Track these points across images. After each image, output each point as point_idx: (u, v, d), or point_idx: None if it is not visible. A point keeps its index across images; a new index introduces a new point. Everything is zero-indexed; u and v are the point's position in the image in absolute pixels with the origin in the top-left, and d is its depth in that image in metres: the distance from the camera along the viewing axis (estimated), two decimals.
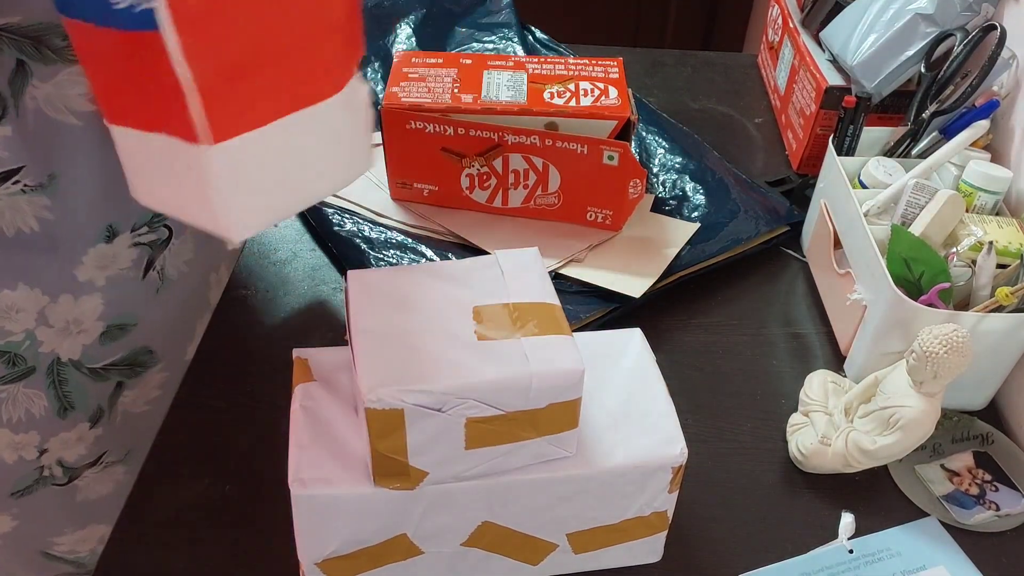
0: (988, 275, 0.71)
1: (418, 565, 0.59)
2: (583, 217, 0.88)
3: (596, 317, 0.81)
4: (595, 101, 0.84)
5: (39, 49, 0.62)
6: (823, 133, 0.98)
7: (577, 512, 0.59)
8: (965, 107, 0.83)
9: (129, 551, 0.65)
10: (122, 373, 0.80)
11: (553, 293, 0.57)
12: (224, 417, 0.74)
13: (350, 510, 0.54)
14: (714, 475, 0.71)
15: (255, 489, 0.69)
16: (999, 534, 0.67)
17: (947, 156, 0.80)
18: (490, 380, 0.51)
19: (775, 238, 0.91)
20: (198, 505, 0.67)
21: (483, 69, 0.88)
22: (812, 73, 0.98)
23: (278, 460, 0.71)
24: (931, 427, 0.66)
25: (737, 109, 1.14)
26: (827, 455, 0.69)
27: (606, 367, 0.62)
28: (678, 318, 0.84)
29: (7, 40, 0.60)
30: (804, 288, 0.88)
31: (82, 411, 0.79)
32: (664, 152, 0.99)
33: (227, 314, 0.83)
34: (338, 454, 0.55)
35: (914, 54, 0.89)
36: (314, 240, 0.92)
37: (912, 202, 0.76)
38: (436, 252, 0.86)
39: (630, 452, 0.57)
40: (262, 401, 0.75)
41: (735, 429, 0.74)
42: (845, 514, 0.68)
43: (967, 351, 0.63)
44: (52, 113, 0.65)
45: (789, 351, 0.82)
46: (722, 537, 0.67)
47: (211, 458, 0.71)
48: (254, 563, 0.64)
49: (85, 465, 0.82)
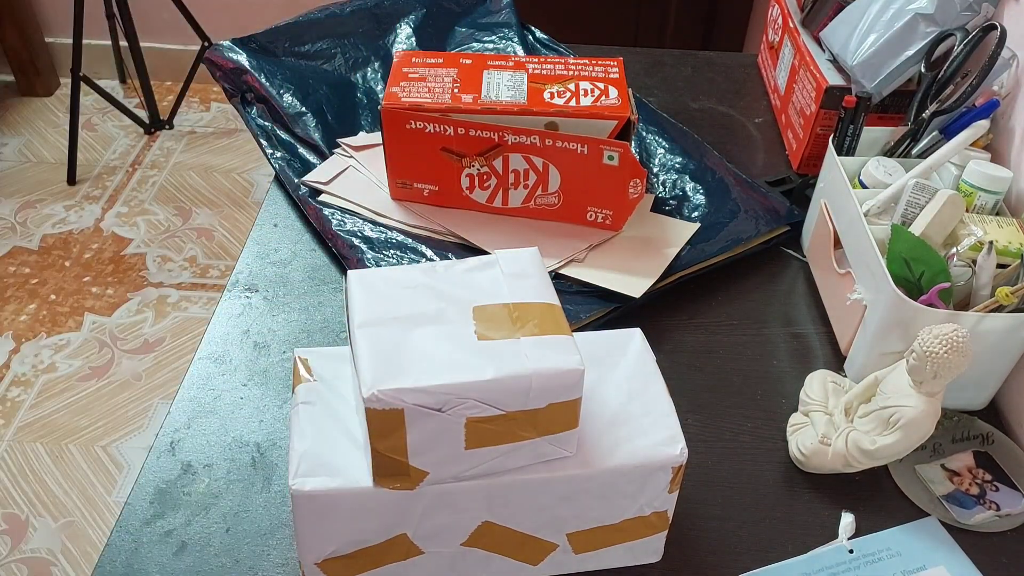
0: (988, 275, 0.71)
1: (418, 565, 0.59)
2: (583, 217, 0.88)
3: (596, 317, 0.81)
4: (595, 101, 0.84)
5: None
6: (823, 133, 0.98)
7: (577, 512, 0.59)
8: (965, 107, 0.83)
9: (129, 551, 0.65)
10: None
11: (553, 293, 0.57)
12: (226, 417, 0.74)
13: (350, 510, 0.54)
14: (714, 475, 0.71)
15: (256, 489, 0.69)
16: (999, 534, 0.67)
17: (947, 156, 0.80)
18: (490, 380, 0.51)
19: (775, 238, 0.91)
20: (199, 505, 0.67)
21: (483, 69, 0.88)
22: (812, 73, 0.98)
23: (279, 460, 0.71)
24: (931, 427, 0.66)
25: (737, 109, 1.14)
26: (827, 455, 0.69)
27: (607, 367, 0.62)
28: (678, 318, 0.84)
29: None
30: (804, 288, 0.88)
31: None
32: (664, 152, 0.99)
33: (228, 314, 0.83)
34: (338, 454, 0.55)
35: (914, 54, 0.89)
36: (314, 240, 0.92)
37: (912, 202, 0.76)
38: (436, 252, 0.86)
39: (630, 452, 0.57)
40: (263, 401, 0.75)
41: (735, 429, 0.74)
42: (845, 514, 0.68)
43: (967, 351, 0.63)
44: None
45: (789, 351, 0.82)
46: (722, 537, 0.67)
47: (212, 458, 0.71)
48: (254, 564, 0.64)
49: None
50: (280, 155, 0.99)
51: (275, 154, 0.99)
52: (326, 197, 0.93)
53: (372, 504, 0.54)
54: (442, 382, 0.50)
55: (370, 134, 0.99)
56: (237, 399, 0.76)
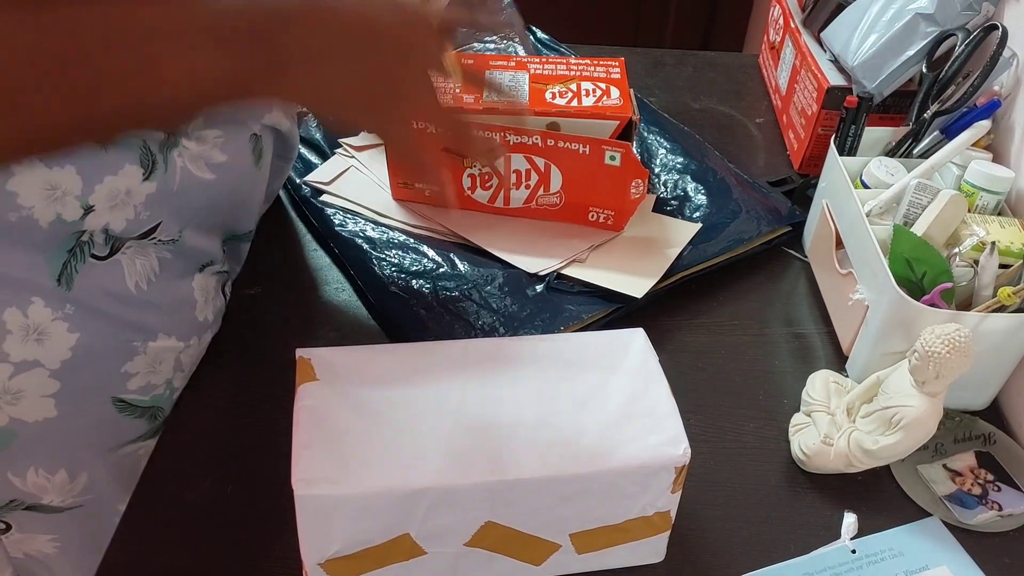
0: (990, 275, 0.71)
1: (421, 566, 0.59)
2: (585, 217, 0.88)
3: (598, 317, 0.81)
4: (597, 101, 0.84)
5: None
6: (824, 133, 0.98)
7: (580, 512, 0.59)
8: (966, 107, 0.83)
9: (130, 551, 0.65)
10: None
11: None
12: (227, 417, 0.74)
13: (353, 510, 0.54)
14: (717, 475, 0.71)
15: (257, 489, 0.68)
16: (1002, 534, 0.67)
17: (949, 156, 0.80)
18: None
19: (777, 238, 0.91)
20: (200, 505, 0.67)
21: (485, 70, 0.88)
22: (813, 73, 0.98)
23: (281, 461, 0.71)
24: (933, 427, 0.66)
25: (738, 109, 1.14)
26: (829, 455, 0.69)
27: (609, 367, 0.62)
28: (680, 318, 0.84)
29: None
30: (806, 288, 0.88)
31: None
32: (665, 152, 0.99)
33: (230, 314, 0.83)
34: (341, 454, 0.55)
35: (915, 54, 0.89)
36: (316, 240, 0.92)
37: (914, 202, 0.76)
38: (438, 252, 0.86)
39: (633, 452, 0.57)
40: (265, 401, 0.75)
41: (737, 430, 0.74)
42: (847, 514, 0.68)
43: (969, 351, 0.63)
44: (195, 170, 0.68)
45: (791, 351, 0.82)
46: (725, 537, 0.67)
47: (213, 458, 0.71)
48: (255, 564, 0.64)
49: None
50: None
51: None
52: (327, 197, 0.93)
53: (375, 504, 0.54)
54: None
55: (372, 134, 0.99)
56: (237, 399, 0.76)
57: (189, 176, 0.68)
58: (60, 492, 0.70)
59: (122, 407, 0.70)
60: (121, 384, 0.69)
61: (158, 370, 0.71)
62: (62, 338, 0.64)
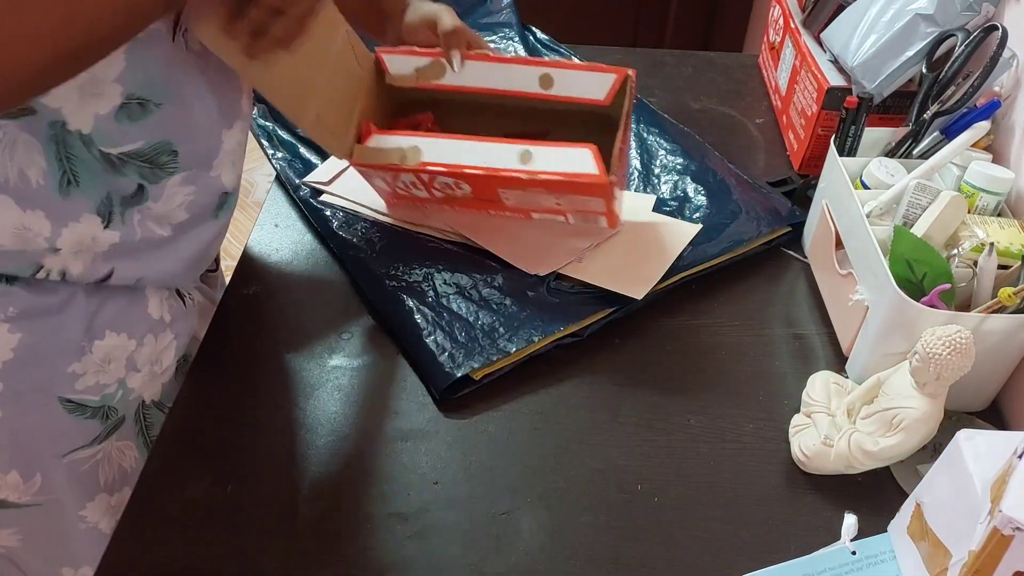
0: (990, 276, 0.71)
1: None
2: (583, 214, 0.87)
3: (598, 318, 0.81)
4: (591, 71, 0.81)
5: (152, 169, 0.65)
6: (824, 134, 0.98)
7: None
8: (966, 107, 0.83)
9: (130, 551, 0.65)
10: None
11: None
12: (226, 417, 0.74)
13: None
14: (716, 476, 0.71)
15: (256, 489, 0.68)
16: None
17: (949, 157, 0.79)
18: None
19: (776, 239, 0.91)
20: (199, 505, 0.67)
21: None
22: (813, 74, 0.98)
23: (279, 460, 0.71)
24: (934, 428, 0.66)
25: (738, 109, 1.14)
26: (830, 456, 0.69)
27: None
28: (680, 319, 0.84)
29: (133, 165, 0.64)
30: (806, 289, 0.88)
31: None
32: (665, 153, 0.99)
33: (228, 314, 0.83)
34: None
35: (914, 54, 0.89)
36: (315, 241, 0.92)
37: (914, 203, 0.76)
38: (437, 252, 0.86)
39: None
40: (264, 401, 0.75)
41: (737, 430, 0.74)
42: (848, 515, 0.68)
43: (970, 352, 0.63)
44: (156, 228, 0.69)
45: (791, 352, 0.81)
46: (724, 538, 0.67)
47: (213, 458, 0.71)
48: (255, 563, 0.64)
49: None
50: (281, 155, 0.99)
51: (276, 154, 0.99)
52: (327, 197, 0.93)
53: None
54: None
55: None
56: (237, 399, 0.76)
57: (149, 232, 0.68)
58: (15, 491, 0.70)
59: (71, 407, 0.69)
60: (68, 384, 0.68)
61: (107, 369, 0.70)
62: (3, 339, 0.64)
